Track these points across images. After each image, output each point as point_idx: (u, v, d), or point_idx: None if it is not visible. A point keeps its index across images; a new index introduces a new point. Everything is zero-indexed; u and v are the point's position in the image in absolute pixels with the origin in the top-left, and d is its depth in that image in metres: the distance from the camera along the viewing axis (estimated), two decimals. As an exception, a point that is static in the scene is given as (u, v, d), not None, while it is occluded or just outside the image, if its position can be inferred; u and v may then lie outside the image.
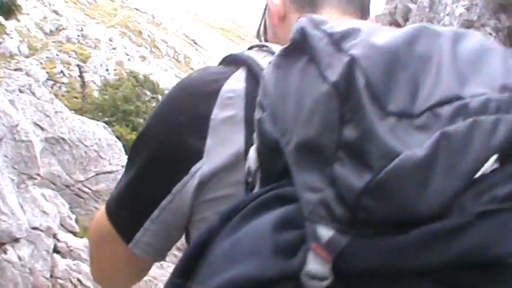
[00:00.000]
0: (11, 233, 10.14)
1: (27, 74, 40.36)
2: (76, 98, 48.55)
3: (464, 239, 0.70)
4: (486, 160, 0.72)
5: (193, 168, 1.10)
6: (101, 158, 16.09)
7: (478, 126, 0.72)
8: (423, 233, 0.71)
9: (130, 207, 1.24)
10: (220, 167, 1.08)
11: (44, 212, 12.25)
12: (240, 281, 0.78)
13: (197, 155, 1.10)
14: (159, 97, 49.24)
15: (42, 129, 14.77)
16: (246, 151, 1.03)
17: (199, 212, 1.14)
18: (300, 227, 0.78)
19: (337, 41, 0.83)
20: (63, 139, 15.25)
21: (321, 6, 1.29)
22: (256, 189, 0.94)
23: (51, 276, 11.63)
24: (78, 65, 52.25)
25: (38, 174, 12.50)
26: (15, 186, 11.46)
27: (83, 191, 15.49)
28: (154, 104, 48.64)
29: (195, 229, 1.17)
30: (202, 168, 1.09)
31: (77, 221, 14.48)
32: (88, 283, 12.30)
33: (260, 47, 1.23)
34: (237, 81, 1.14)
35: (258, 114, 0.94)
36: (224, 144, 1.09)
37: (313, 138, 0.80)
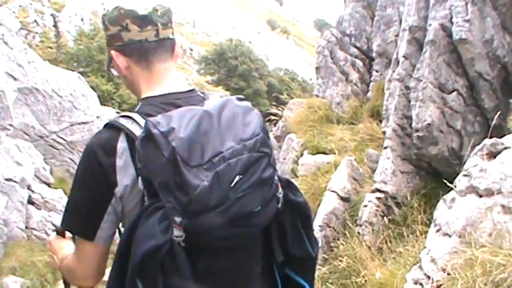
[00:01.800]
0: (-16, 183, 10.09)
1: (0, 24, 39.78)
2: (50, 48, 47.95)
3: (239, 211, 1.92)
4: (234, 179, 1.89)
5: (115, 191, 2.08)
6: (76, 108, 15.97)
7: (229, 164, 1.88)
8: (223, 215, 1.90)
9: (87, 219, 2.15)
10: (127, 189, 2.08)
11: (18, 163, 12.19)
12: (149, 248, 1.85)
13: (114, 184, 2.07)
14: (135, 47, 49.01)
15: (14, 79, 14.59)
16: (137, 179, 2.04)
17: (125, 212, 2.15)
18: (168, 219, 1.88)
19: (166, 135, 1.89)
20: (36, 89, 15.09)
21: (152, 62, 2.25)
22: (146, 199, 2.01)
23: (26, 227, 11.64)
24: (52, 15, 51.41)
25: (11, 125, 12.39)
26: (-12, 137, 11.37)
27: (58, 142, 15.41)
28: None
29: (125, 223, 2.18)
30: (119, 190, 2.07)
31: (51, 172, 14.43)
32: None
33: (127, 117, 2.14)
34: (122, 142, 2.07)
35: (138, 164, 2.00)
36: (125, 177, 2.07)
37: (165, 181, 1.88)
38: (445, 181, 4.07)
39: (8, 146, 12.16)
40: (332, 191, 6.13)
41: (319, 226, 5.90)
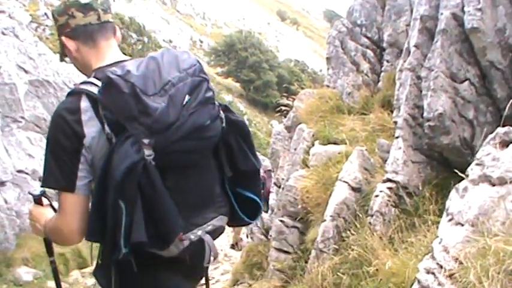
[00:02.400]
0: (-4, 176, 10.14)
1: (10, 17, 39.88)
2: (61, 40, 48.01)
3: (193, 125, 2.47)
4: (184, 99, 2.46)
5: (84, 142, 2.47)
6: (86, 100, 16.01)
7: (178, 87, 2.46)
8: (181, 129, 2.42)
9: (64, 173, 2.50)
10: (94, 140, 2.48)
11: (30, 155, 12.26)
12: (128, 165, 2.29)
13: (82, 136, 2.46)
14: (145, 39, 49.06)
15: (26, 71, 14.64)
16: (102, 128, 2.44)
17: (94, 162, 2.53)
18: (138, 142, 2.34)
19: (123, 77, 2.38)
20: (47, 82, 15.15)
21: (97, 40, 2.74)
22: (114, 140, 2.40)
23: (38, 218, 11.68)
24: (62, 7, 51.31)
25: (23, 117, 12.46)
26: (-1, 129, 11.42)
27: (68, 134, 15.45)
28: (140, 47, 48.48)
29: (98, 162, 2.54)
30: (87, 140, 2.47)
31: (62, 163, 14.48)
32: (75, 225, 12.38)
33: (85, 82, 2.59)
34: (84, 102, 2.50)
35: (102, 112, 2.42)
36: (91, 128, 2.47)
37: (129, 112, 2.36)
38: (457, 171, 4.06)
39: (19, 138, 12.24)
40: (343, 181, 6.12)
41: (330, 216, 5.90)
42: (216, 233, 2.78)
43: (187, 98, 2.48)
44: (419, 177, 5.53)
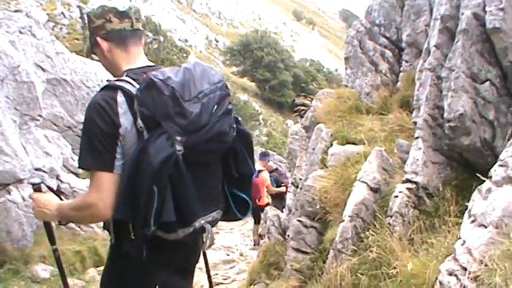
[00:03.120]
0: (14, 173, 10.18)
1: (27, 16, 40.07)
2: (77, 39, 48.20)
3: (218, 130, 3.03)
4: (214, 108, 3.02)
5: (120, 131, 2.87)
6: (103, 99, 16.07)
7: (209, 97, 3.02)
8: (209, 133, 2.97)
9: (105, 154, 2.90)
10: (127, 131, 2.89)
11: (47, 153, 12.30)
12: (165, 156, 2.78)
13: (119, 125, 2.87)
14: (161, 39, 49.13)
15: (43, 70, 14.71)
16: (134, 122, 2.89)
17: (124, 150, 2.93)
18: (171, 138, 2.83)
19: (165, 81, 2.88)
20: (65, 80, 15.22)
21: (129, 45, 3.18)
22: (145, 133, 2.87)
23: (55, 216, 11.72)
24: (78, 6, 51.59)
25: (40, 116, 12.50)
26: (17, 127, 11.47)
27: (86, 133, 15.51)
28: (156, 46, 48.59)
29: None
30: (122, 130, 2.87)
31: (79, 162, 14.52)
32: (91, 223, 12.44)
33: (121, 80, 3.01)
34: (120, 97, 2.91)
35: (138, 108, 2.87)
36: (126, 120, 2.87)
37: (166, 112, 2.86)
38: (478, 174, 4.03)
39: (37, 136, 12.28)
40: (362, 182, 6.10)
41: (349, 216, 5.88)
42: (213, 223, 3.29)
43: (215, 107, 3.03)
44: (439, 178, 5.49)
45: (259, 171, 15.03)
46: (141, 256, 2.98)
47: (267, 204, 14.55)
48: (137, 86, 2.97)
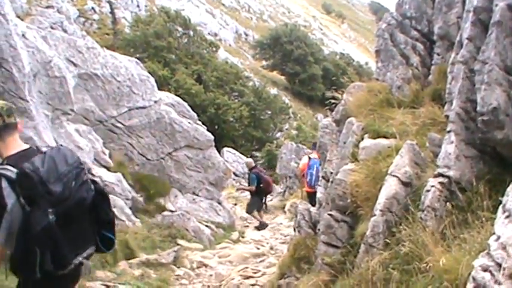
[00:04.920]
0: (46, 167, 10.29)
1: (58, 12, 40.50)
2: (107, 34, 48.57)
3: (78, 197, 4.28)
4: (73, 183, 4.27)
5: (7, 209, 3.91)
6: (134, 93, 16.18)
7: (68, 176, 4.21)
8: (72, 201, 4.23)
9: None
10: (12, 207, 3.93)
11: (79, 147, 12.43)
12: (45, 225, 3.99)
13: (6, 204, 3.90)
14: (191, 33, 49.26)
15: (74, 65, 14.84)
16: (17, 199, 3.95)
17: (11, 224, 3.98)
18: (46, 210, 3.98)
19: (34, 171, 3.98)
20: (96, 75, 15.34)
21: (4, 137, 4.13)
22: (27, 208, 3.96)
23: (87, 210, 11.83)
24: (109, 2, 52.04)
25: (72, 110, 12.63)
26: (49, 121, 11.59)
27: (116, 127, 15.65)
28: (186, 40, 48.74)
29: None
30: (9, 207, 3.91)
31: (110, 156, 14.67)
32: (122, 216, 12.53)
33: (4, 168, 3.97)
34: (4, 182, 3.90)
35: (19, 190, 3.94)
36: (10, 200, 3.92)
37: (39, 192, 3.96)
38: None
39: (69, 130, 12.41)
40: (393, 176, 6.05)
41: (380, 211, 5.84)
42: (88, 257, 4.59)
43: (73, 183, 4.21)
44: (471, 172, 5.42)
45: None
46: None
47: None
48: (15, 170, 3.95)
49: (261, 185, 18.86)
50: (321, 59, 63.49)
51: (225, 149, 35.54)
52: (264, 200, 19.78)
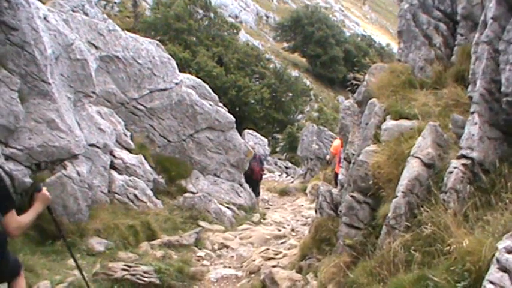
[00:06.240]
0: (69, 149, 10.38)
1: (80, -6, 40.59)
2: (128, 17, 48.63)
3: None
4: None
5: None
6: (155, 75, 16.20)
7: None
8: None
9: None
10: None
11: (101, 130, 12.50)
12: None
13: None
14: (211, 15, 49.21)
15: (96, 47, 14.88)
16: None
17: None
18: None
19: None
20: (117, 57, 15.37)
21: None
22: None
23: (108, 191, 11.96)
24: (130, -16, 51.95)
25: (94, 92, 12.69)
26: (71, 104, 11.66)
27: (138, 109, 15.70)
28: (206, 23, 48.69)
29: None
30: None
31: (132, 138, 14.74)
32: (144, 198, 12.61)
33: None
34: None
35: None
36: None
37: None
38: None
39: (90, 112, 12.48)
40: (416, 157, 6.01)
41: (402, 192, 5.81)
42: None
43: None
44: (495, 154, 5.38)
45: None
46: None
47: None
48: None
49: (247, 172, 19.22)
50: (342, 41, 63.15)
51: (246, 131, 35.53)
52: (255, 188, 19.65)
